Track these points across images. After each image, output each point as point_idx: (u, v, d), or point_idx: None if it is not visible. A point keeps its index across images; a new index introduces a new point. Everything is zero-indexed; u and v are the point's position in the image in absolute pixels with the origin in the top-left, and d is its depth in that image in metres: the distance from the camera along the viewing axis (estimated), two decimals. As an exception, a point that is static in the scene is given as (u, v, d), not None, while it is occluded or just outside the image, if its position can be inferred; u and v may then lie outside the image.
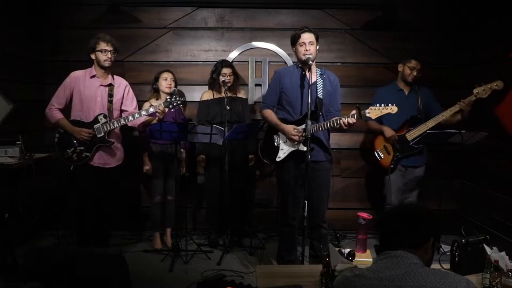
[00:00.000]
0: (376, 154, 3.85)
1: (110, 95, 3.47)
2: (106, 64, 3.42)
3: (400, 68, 3.86)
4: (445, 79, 4.34)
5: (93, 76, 3.46)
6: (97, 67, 3.47)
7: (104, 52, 3.40)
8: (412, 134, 3.72)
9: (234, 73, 4.03)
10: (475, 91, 3.47)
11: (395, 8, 4.35)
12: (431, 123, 3.63)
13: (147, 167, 4.02)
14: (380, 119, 3.54)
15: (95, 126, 3.37)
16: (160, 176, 3.97)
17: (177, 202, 3.78)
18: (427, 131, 3.57)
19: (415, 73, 3.76)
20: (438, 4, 4.35)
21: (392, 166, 3.76)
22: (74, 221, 3.54)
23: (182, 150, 3.99)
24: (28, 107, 3.99)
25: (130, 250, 3.94)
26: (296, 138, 3.12)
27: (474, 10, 4.22)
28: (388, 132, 3.75)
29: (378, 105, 2.99)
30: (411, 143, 3.70)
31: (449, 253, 2.24)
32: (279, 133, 3.25)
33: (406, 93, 3.85)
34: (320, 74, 3.26)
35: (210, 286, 3.03)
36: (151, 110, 3.36)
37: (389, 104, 2.98)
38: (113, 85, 3.51)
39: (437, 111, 3.73)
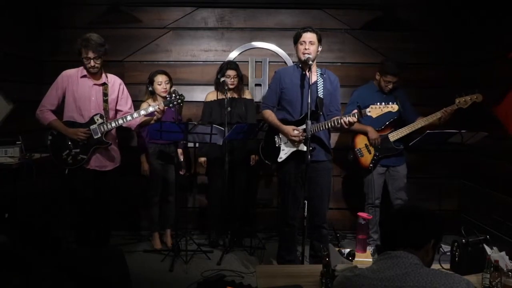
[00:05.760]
0: (357, 151, 3.83)
1: (105, 94, 3.30)
2: (91, 71, 3.25)
3: (377, 76, 3.83)
4: (445, 79, 4.34)
5: (83, 76, 3.30)
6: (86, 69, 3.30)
7: (87, 60, 3.20)
8: (394, 136, 3.73)
9: (239, 75, 3.99)
10: (456, 101, 3.51)
11: (395, 8, 4.35)
12: (415, 125, 3.67)
13: (145, 168, 3.98)
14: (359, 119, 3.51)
15: (92, 127, 3.21)
16: (158, 176, 3.97)
17: (176, 202, 3.78)
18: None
19: (390, 86, 3.76)
20: (438, 4, 4.35)
21: (371, 165, 3.77)
22: (73, 222, 3.51)
23: (179, 149, 3.97)
24: (28, 107, 3.96)
25: (130, 250, 3.93)
26: (297, 139, 3.12)
27: (474, 10, 4.22)
28: (373, 134, 3.74)
29: (379, 103, 3.02)
30: (394, 144, 3.73)
31: (449, 253, 2.24)
32: (280, 134, 3.25)
33: (384, 94, 3.83)
34: (321, 74, 3.26)
35: (210, 286, 3.04)
36: (150, 109, 3.24)
37: (390, 103, 3.03)
38: (107, 84, 3.34)
39: (409, 112, 3.76)
